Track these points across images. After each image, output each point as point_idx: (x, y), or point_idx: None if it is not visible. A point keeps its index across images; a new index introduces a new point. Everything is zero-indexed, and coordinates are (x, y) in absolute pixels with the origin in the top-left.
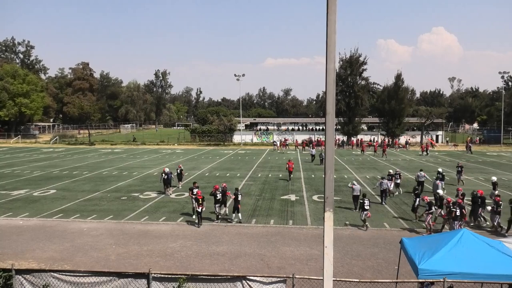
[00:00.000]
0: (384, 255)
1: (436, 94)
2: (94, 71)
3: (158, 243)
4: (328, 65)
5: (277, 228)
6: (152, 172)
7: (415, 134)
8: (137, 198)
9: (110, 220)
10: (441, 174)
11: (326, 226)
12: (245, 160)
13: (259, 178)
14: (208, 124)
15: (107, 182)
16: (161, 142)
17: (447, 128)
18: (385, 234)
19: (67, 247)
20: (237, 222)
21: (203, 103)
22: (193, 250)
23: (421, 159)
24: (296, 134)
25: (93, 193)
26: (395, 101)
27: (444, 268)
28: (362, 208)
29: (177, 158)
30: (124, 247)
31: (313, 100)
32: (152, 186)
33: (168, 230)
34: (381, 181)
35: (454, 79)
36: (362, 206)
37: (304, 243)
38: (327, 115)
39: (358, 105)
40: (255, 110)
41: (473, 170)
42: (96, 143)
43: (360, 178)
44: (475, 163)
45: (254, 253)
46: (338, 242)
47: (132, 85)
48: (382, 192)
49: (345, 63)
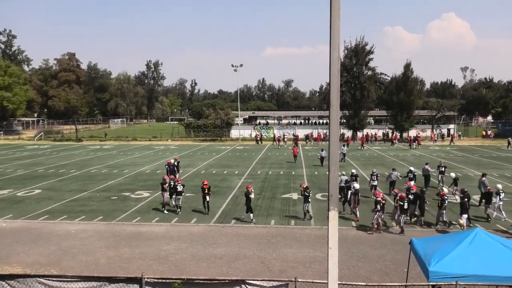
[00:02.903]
0: (393, 257)
1: (448, 85)
2: (81, 62)
3: (151, 245)
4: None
5: (278, 229)
6: (144, 169)
7: (425, 127)
8: (128, 197)
9: (100, 221)
10: (412, 173)
11: (331, 226)
12: (244, 156)
13: (258, 175)
14: (203, 118)
15: (96, 181)
16: (154, 137)
17: (459, 121)
18: (393, 235)
19: (53, 251)
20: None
21: (198, 95)
22: (189, 253)
23: (415, 152)
24: (298, 128)
25: (81, 193)
26: (404, 92)
27: (456, 270)
28: (306, 201)
29: (171, 155)
30: (114, 250)
31: (316, 92)
32: (145, 185)
33: (161, 231)
34: (392, 172)
35: (466, 69)
36: (306, 199)
37: (307, 244)
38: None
39: (364, 97)
40: (254, 103)
41: (486, 166)
42: (83, 139)
43: (367, 175)
44: (489, 158)
45: (253, 256)
46: (344, 243)
47: (122, 77)
48: (391, 183)
49: (350, 52)
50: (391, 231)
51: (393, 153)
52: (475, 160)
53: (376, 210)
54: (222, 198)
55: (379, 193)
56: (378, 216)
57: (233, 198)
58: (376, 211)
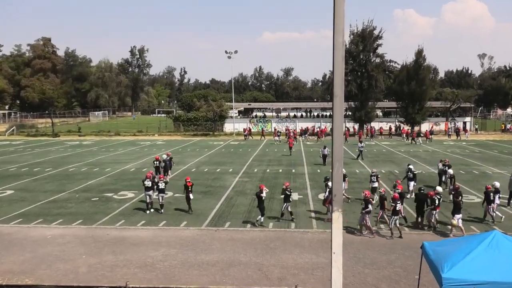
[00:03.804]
0: (403, 263)
1: (464, 74)
2: (58, 48)
3: (136, 251)
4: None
5: (277, 233)
6: (129, 168)
7: (439, 120)
8: (111, 198)
9: (79, 225)
10: (412, 172)
11: (334, 229)
12: (239, 152)
13: (255, 174)
14: (194, 110)
15: (75, 180)
16: (139, 132)
17: (476, 113)
18: (403, 238)
19: (28, 258)
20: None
21: (189, 85)
22: (178, 260)
23: (427, 148)
24: (299, 122)
25: (58, 194)
26: (416, 82)
27: (472, 277)
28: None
29: (158, 151)
30: (96, 257)
31: (318, 81)
32: (129, 185)
33: (148, 236)
34: (409, 167)
35: (484, 56)
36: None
37: (308, 249)
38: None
39: (372, 87)
40: (250, 93)
41: (506, 163)
42: (61, 134)
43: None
44: (509, 155)
45: (250, 262)
46: (349, 247)
47: (103, 65)
48: (409, 180)
49: (357, 37)
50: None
51: (404, 148)
52: (493, 156)
53: (366, 211)
54: (215, 199)
55: (369, 192)
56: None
57: (227, 199)
58: (366, 212)
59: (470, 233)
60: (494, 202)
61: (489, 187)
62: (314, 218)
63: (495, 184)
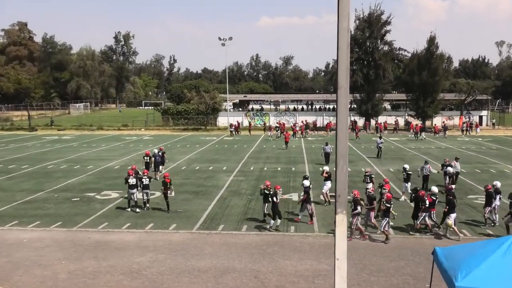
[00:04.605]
0: (412, 270)
1: (480, 63)
2: (35, 34)
3: (121, 257)
4: (341, 24)
5: (275, 237)
6: (112, 165)
7: (452, 114)
8: (93, 199)
9: (58, 227)
10: (406, 172)
11: (338, 232)
12: (233, 149)
13: (251, 172)
14: (184, 102)
15: (54, 178)
16: (124, 126)
17: (493, 106)
18: (413, 243)
19: (2, 264)
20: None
21: (178, 75)
22: (167, 266)
23: (440, 145)
24: (299, 115)
25: (35, 193)
26: (427, 72)
27: (488, 286)
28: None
29: (145, 147)
30: (77, 263)
31: (321, 71)
32: (113, 184)
33: (134, 240)
34: (424, 165)
35: (502, 43)
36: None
37: (309, 255)
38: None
39: (379, 77)
40: (246, 84)
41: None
42: (38, 128)
43: (382, 171)
44: None
45: (245, 269)
46: (353, 253)
47: (84, 52)
48: (425, 177)
49: (363, 23)
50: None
51: (414, 145)
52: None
53: (356, 213)
54: (207, 200)
55: (359, 192)
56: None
57: (221, 199)
58: (356, 213)
59: (481, 238)
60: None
61: (490, 187)
62: (316, 220)
63: (496, 184)
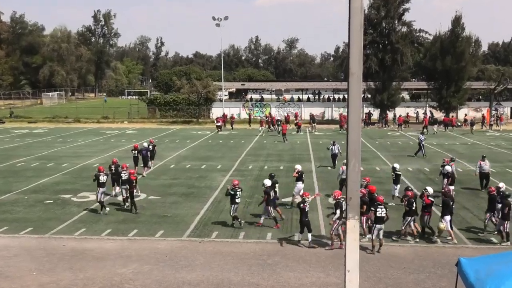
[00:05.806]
0: (434, 283)
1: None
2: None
3: (101, 267)
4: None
5: (277, 245)
6: (91, 163)
7: (480, 105)
8: (69, 201)
9: (29, 234)
10: (395, 172)
11: (349, 241)
12: (229, 144)
13: (249, 171)
14: (173, 91)
15: (24, 178)
16: (104, 118)
17: None
18: (434, 253)
19: None
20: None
21: (166, 60)
22: (153, 278)
23: (467, 140)
24: (305, 107)
25: (2, 195)
26: (452, 57)
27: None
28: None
29: (128, 142)
30: (50, 274)
31: (329, 56)
32: (91, 184)
33: (115, 248)
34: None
35: None
36: (232, 199)
37: (315, 266)
38: (351, 77)
39: (396, 62)
40: (244, 70)
41: None
42: (6, 121)
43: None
44: None
45: (243, 282)
46: (366, 264)
47: (59, 34)
48: (445, 176)
49: (378, 1)
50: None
51: (436, 141)
52: None
53: (337, 218)
54: (199, 203)
55: (340, 193)
56: (339, 225)
57: (214, 202)
58: (337, 219)
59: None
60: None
61: (493, 189)
62: (323, 226)
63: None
